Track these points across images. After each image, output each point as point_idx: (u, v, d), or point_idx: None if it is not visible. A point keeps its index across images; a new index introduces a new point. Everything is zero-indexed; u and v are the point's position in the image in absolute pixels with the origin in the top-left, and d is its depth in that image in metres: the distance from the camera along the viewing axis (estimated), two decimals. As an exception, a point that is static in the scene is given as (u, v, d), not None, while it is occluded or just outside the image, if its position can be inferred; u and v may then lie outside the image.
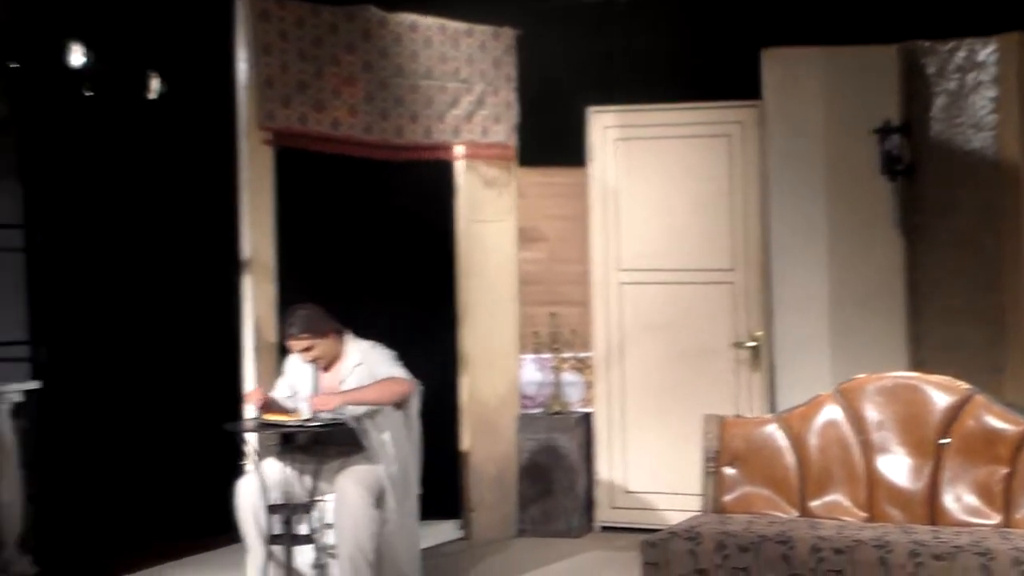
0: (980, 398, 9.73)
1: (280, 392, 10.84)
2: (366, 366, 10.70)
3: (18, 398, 11.57)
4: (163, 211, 12.83)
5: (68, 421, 12.46)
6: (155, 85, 12.06)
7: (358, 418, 10.48)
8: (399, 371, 10.70)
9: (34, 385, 11.83)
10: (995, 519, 9.41)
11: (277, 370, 11.00)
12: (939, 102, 12.57)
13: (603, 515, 13.16)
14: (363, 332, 10.91)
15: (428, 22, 12.43)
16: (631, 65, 13.28)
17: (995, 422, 9.63)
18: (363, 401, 10.48)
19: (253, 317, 11.08)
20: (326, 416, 10.40)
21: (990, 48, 12.45)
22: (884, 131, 12.31)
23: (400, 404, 10.69)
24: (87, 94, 11.85)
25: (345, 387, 10.64)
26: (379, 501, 10.33)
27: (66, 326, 12.73)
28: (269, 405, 10.61)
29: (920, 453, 9.68)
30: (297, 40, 11.51)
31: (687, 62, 13.12)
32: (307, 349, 10.66)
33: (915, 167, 12.43)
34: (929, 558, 8.72)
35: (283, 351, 11.11)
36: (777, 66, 12.67)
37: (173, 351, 12.64)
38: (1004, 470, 9.49)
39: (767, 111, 12.73)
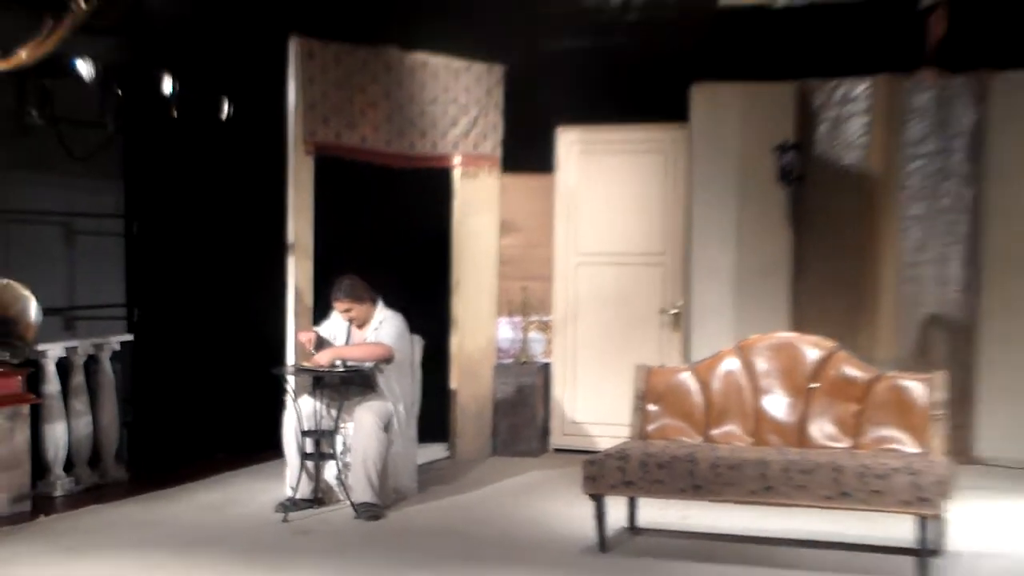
0: (842, 353, 10.01)
1: (324, 331, 11.11)
2: (383, 327, 11.03)
3: (116, 347, 11.94)
4: (229, 204, 12.89)
5: (154, 365, 12.72)
6: (225, 108, 12.36)
7: (372, 368, 10.88)
8: (388, 339, 11.00)
9: (128, 337, 12.25)
10: (847, 443, 9.71)
11: (313, 327, 11.20)
12: (823, 127, 12.93)
13: (556, 440, 13.35)
14: (384, 300, 11.15)
15: (435, 60, 12.53)
16: (591, 94, 13.13)
17: (852, 371, 9.92)
18: (349, 357, 10.93)
19: (295, 287, 11.23)
20: (350, 365, 10.86)
21: (862, 86, 12.83)
22: (781, 148, 12.63)
23: (388, 360, 10.96)
24: (174, 115, 12.05)
25: (366, 339, 11.03)
26: (387, 428, 10.73)
27: (154, 293, 13.02)
28: (320, 343, 10.99)
29: (795, 394, 9.92)
30: (334, 73, 11.66)
31: (634, 93, 13.13)
32: (347, 310, 11.04)
33: (804, 176, 12.70)
34: (796, 472, 8.96)
35: (318, 313, 11.36)
36: (702, 97, 12.89)
37: (234, 312, 12.67)
38: (856, 407, 9.81)
39: (694, 132, 12.93)
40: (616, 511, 9.72)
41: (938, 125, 12.73)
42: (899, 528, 9.14)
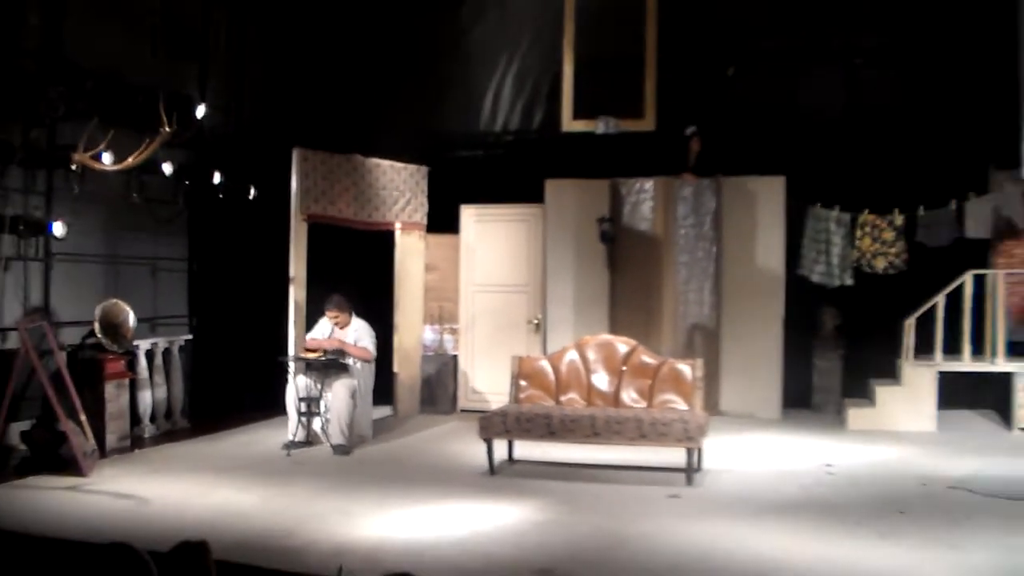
0: (640, 348, 10.10)
1: (315, 334, 10.91)
2: (358, 333, 10.87)
3: (182, 343, 11.87)
4: (254, 252, 12.50)
5: (206, 355, 12.48)
6: (252, 192, 12.31)
7: (345, 358, 10.75)
8: (371, 346, 10.88)
9: (189, 337, 12.12)
10: (644, 404, 9.71)
11: (306, 331, 11.03)
12: (627, 207, 12.76)
13: (462, 404, 13.06)
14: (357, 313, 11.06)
15: (384, 162, 12.32)
16: (483, 184, 13.15)
17: (647, 359, 9.96)
18: (349, 352, 10.76)
19: (294, 304, 11.08)
20: (330, 355, 10.66)
21: (650, 183, 12.69)
22: (601, 220, 12.53)
23: (369, 361, 10.89)
24: (220, 196, 12.09)
25: (346, 340, 10.81)
26: (353, 396, 10.59)
27: (206, 309, 12.79)
28: (318, 345, 10.83)
29: (612, 374, 9.92)
30: (321, 170, 11.50)
31: (509, 184, 13.04)
32: (335, 316, 10.87)
33: (615, 238, 12.60)
34: (614, 423, 9.11)
35: (309, 320, 11.19)
36: (552, 188, 12.82)
37: (256, 320, 12.26)
38: (649, 382, 9.82)
39: (547, 209, 12.84)
40: (500, 449, 9.77)
41: (695, 208, 12.62)
42: (676, 456, 9.26)
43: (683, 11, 12.75)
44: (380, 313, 12.20)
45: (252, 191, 12.35)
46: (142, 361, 11.21)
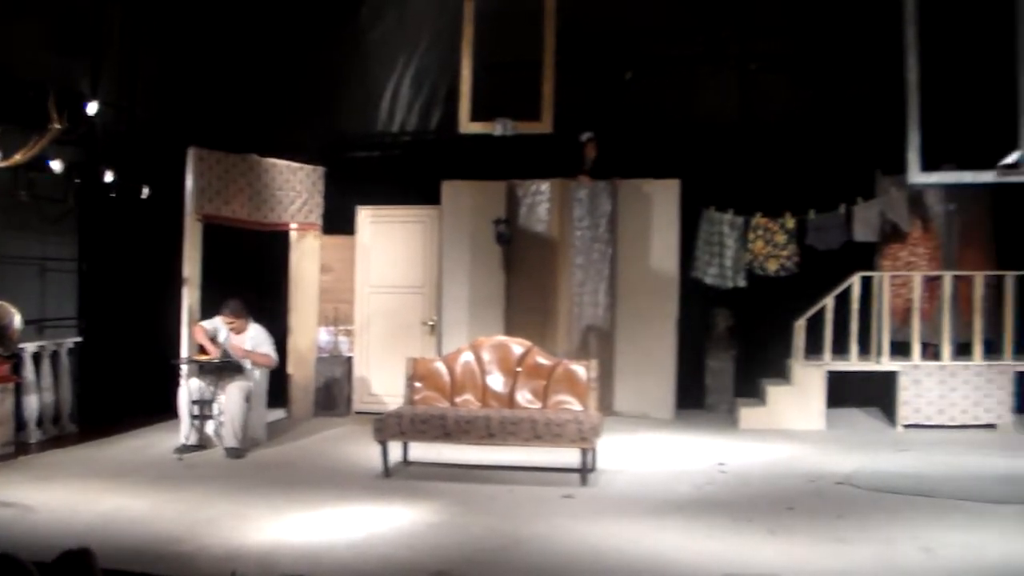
0: (535, 349, 10.12)
1: (208, 325, 10.78)
2: (256, 339, 10.81)
3: (71, 346, 11.61)
4: (146, 252, 12.39)
5: (95, 358, 12.11)
6: (145, 191, 12.03)
7: (240, 362, 10.69)
8: (271, 351, 10.85)
9: (79, 339, 11.85)
10: (539, 405, 9.76)
11: (201, 322, 10.91)
12: (523, 209, 12.74)
13: (357, 406, 12.90)
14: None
15: (281, 163, 12.23)
16: (380, 185, 13.09)
17: (541, 360, 9.99)
18: (252, 360, 10.71)
19: (188, 307, 10.96)
20: (223, 359, 10.60)
21: (546, 185, 12.69)
22: (497, 221, 12.52)
23: (268, 367, 10.88)
24: (112, 195, 11.83)
25: (244, 346, 10.73)
26: (247, 399, 10.51)
27: (96, 310, 12.44)
28: (212, 337, 10.73)
29: (507, 375, 9.95)
30: (216, 169, 11.40)
31: (406, 185, 13.08)
32: (231, 322, 10.77)
33: (511, 240, 12.58)
34: (508, 424, 9.16)
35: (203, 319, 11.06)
36: (449, 189, 12.81)
37: (148, 322, 12.02)
38: (544, 382, 9.86)
39: (444, 211, 12.82)
40: (395, 451, 9.80)
41: (591, 210, 12.72)
42: (571, 456, 9.36)
43: (582, 15, 12.77)
44: (275, 314, 12.12)
45: (145, 190, 12.06)
46: (28, 364, 10.95)
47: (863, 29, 12.73)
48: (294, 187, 12.50)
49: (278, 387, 11.90)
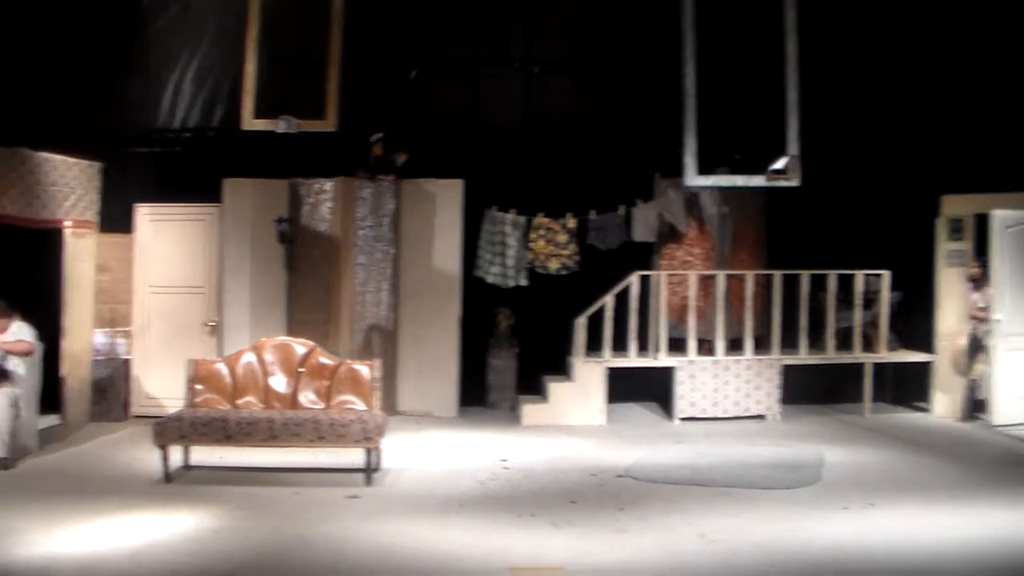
0: (318, 349, 10.15)
1: None
2: (19, 334, 10.31)
3: None
4: None
5: None
6: None
7: (6, 361, 10.20)
8: (32, 339, 10.37)
9: None
10: (323, 405, 9.80)
11: None
12: (306, 208, 12.63)
13: (136, 410, 12.50)
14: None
15: (55, 157, 11.66)
16: (161, 182, 12.86)
17: (324, 360, 10.03)
18: (7, 349, 10.19)
19: None
20: None
21: (330, 184, 12.62)
22: (279, 220, 12.43)
23: (28, 354, 10.31)
24: None
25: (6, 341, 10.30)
26: (14, 405, 10.10)
27: None
28: None
29: (289, 376, 9.93)
30: None
31: (186, 183, 12.77)
32: None
33: (294, 239, 12.51)
34: (292, 425, 9.17)
35: None
36: (230, 188, 12.67)
37: None
38: (328, 383, 9.90)
39: (225, 209, 12.68)
40: (176, 456, 9.67)
41: (374, 209, 12.67)
42: (356, 456, 9.47)
43: (368, 15, 12.83)
44: (47, 316, 11.57)
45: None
46: None
47: (645, 37, 13.20)
48: (68, 183, 12.03)
49: (50, 392, 11.44)
